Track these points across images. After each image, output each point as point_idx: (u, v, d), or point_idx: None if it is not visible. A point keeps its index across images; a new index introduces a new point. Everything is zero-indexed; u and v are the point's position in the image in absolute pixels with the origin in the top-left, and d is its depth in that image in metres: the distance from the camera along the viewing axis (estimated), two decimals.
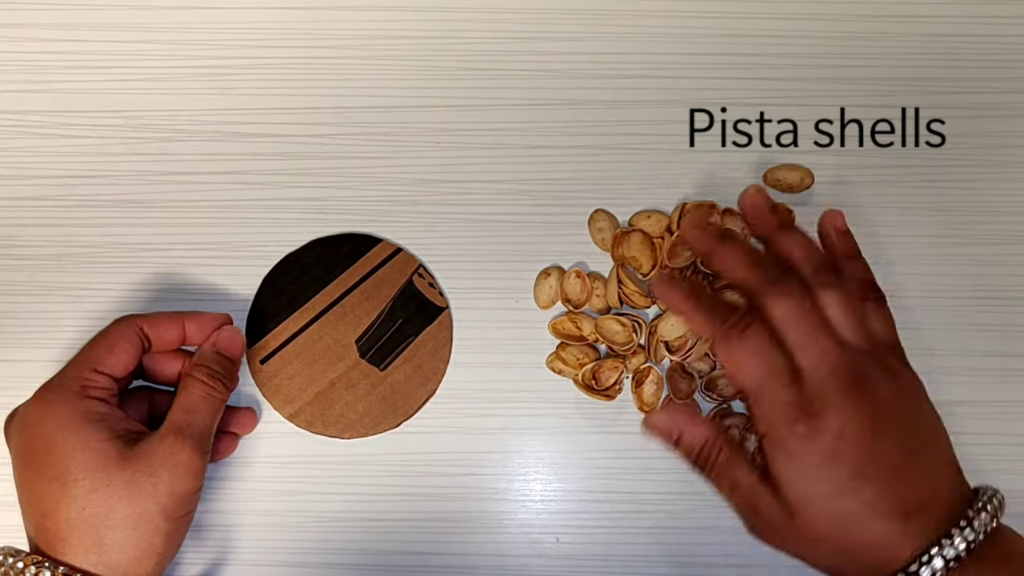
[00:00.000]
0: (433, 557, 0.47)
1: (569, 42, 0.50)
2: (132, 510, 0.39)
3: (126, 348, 0.43)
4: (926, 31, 0.50)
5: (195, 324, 0.45)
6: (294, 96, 0.50)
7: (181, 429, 0.41)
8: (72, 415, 0.40)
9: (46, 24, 0.50)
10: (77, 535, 0.38)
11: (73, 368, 0.41)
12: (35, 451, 0.40)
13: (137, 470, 0.39)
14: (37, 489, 0.39)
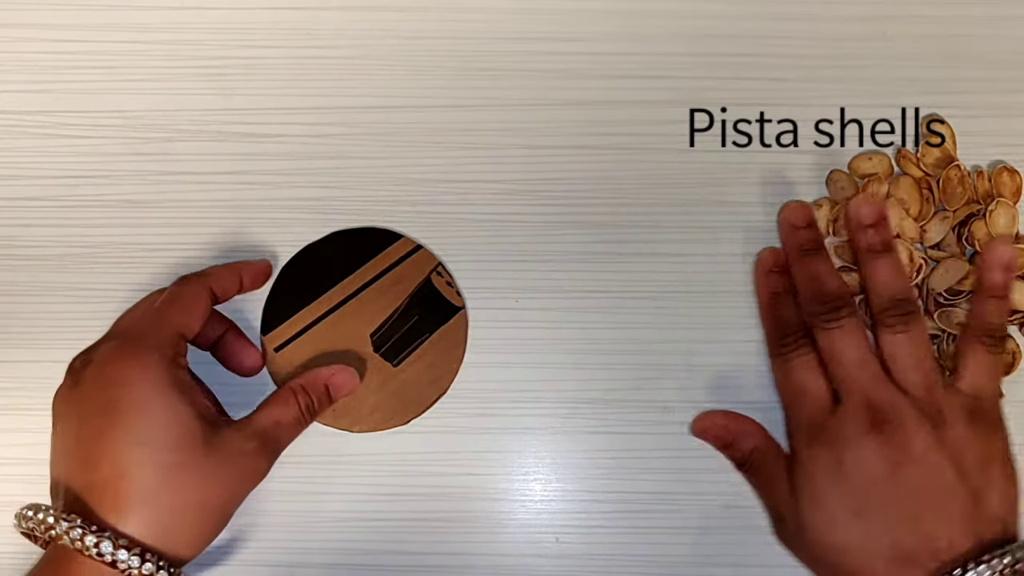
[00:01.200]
0: (432, 557, 0.47)
1: (569, 42, 0.50)
2: (201, 497, 0.38)
3: (200, 308, 0.42)
4: (926, 31, 0.50)
5: (248, 275, 0.46)
6: (295, 96, 0.50)
7: (267, 440, 0.41)
8: (168, 382, 0.39)
9: (46, 24, 0.50)
10: (143, 507, 0.37)
11: (160, 331, 0.40)
12: (120, 410, 0.38)
13: (216, 460, 0.39)
14: (113, 447, 0.37)
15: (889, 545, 0.39)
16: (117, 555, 0.36)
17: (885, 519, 0.39)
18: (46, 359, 0.48)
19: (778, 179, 0.49)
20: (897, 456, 0.39)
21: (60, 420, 0.40)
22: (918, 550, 0.38)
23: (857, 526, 0.39)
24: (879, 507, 0.39)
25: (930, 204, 0.48)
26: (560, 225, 0.49)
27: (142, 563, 0.36)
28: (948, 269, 0.46)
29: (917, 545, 0.38)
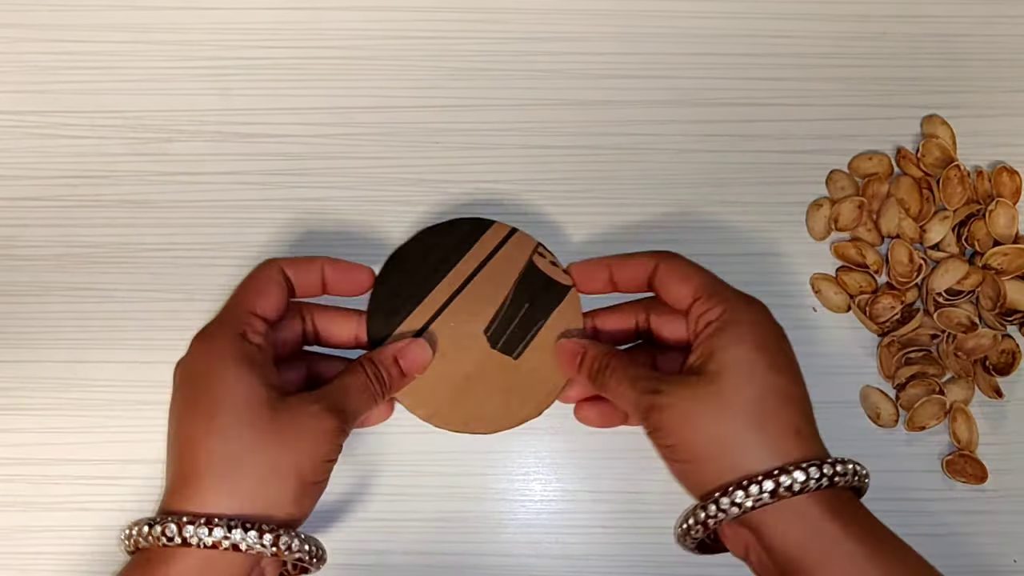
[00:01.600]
0: (433, 557, 0.47)
1: (569, 42, 0.50)
2: (269, 458, 0.38)
3: (274, 290, 0.42)
4: (926, 31, 0.50)
5: (334, 270, 0.44)
6: (294, 96, 0.50)
7: (333, 404, 0.40)
8: (232, 352, 0.39)
9: (46, 24, 0.50)
10: (214, 471, 0.38)
11: (231, 310, 0.41)
12: (192, 384, 0.40)
13: (283, 422, 0.39)
14: (187, 422, 0.39)
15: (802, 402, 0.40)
16: (211, 537, 0.36)
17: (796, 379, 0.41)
18: (45, 359, 0.48)
19: (778, 179, 0.49)
20: None
21: (172, 399, 0.41)
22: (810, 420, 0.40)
23: (797, 378, 0.40)
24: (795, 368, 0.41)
25: (930, 204, 0.48)
26: (560, 225, 0.49)
27: (232, 531, 0.36)
28: (948, 269, 0.46)
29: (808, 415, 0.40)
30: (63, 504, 0.47)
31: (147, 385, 0.48)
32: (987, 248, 0.47)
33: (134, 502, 0.47)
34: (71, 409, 0.48)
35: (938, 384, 0.46)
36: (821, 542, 0.37)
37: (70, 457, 0.47)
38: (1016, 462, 0.47)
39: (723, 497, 0.38)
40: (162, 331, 0.48)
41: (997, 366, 0.47)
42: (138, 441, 0.47)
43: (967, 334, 0.46)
